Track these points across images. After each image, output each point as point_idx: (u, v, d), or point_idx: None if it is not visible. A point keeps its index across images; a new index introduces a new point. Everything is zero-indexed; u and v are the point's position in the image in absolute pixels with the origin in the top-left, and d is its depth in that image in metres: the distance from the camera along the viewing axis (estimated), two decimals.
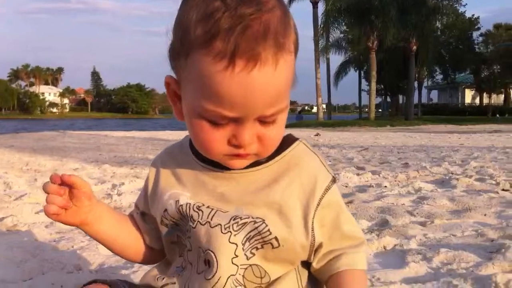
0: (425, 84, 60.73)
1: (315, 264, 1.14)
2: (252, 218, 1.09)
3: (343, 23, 41.09)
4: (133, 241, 1.26)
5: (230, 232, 1.09)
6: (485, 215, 2.92)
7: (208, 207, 1.12)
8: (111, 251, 1.29)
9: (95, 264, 2.10)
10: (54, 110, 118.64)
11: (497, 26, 62.99)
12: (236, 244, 1.09)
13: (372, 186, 4.27)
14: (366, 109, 49.27)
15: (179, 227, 1.17)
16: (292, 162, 1.14)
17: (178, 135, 12.45)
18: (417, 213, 3.00)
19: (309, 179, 1.12)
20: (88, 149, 9.86)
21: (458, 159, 6.91)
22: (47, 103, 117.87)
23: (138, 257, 1.28)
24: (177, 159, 1.20)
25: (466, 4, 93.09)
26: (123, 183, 4.29)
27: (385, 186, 4.24)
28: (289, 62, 0.98)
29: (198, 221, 1.11)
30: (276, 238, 1.08)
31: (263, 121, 1.02)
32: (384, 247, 2.26)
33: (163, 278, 1.16)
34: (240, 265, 1.09)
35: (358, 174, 5.02)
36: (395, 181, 4.65)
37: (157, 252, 1.26)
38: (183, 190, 1.16)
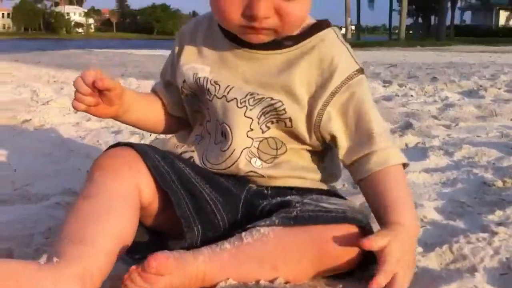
0: (458, 4, 58.38)
1: (343, 158, 1.11)
2: (269, 96, 1.09)
3: None
4: (160, 118, 1.27)
5: (246, 106, 1.09)
6: (511, 119, 2.88)
7: (225, 83, 1.12)
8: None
9: None
10: (80, 30, 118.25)
11: None
12: (251, 118, 1.10)
13: (398, 95, 4.22)
14: (396, 31, 47.76)
15: (198, 98, 1.18)
16: (317, 49, 1.10)
17: None
18: (442, 118, 2.97)
19: (330, 67, 1.09)
20: (114, 65, 9.87)
21: (488, 74, 6.74)
22: (73, 23, 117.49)
23: (164, 130, 1.31)
24: (205, 32, 1.19)
25: None
26: None
27: (411, 96, 4.18)
28: None
29: (215, 94, 1.12)
30: (290, 118, 1.08)
31: None
32: (406, 145, 2.26)
33: (182, 146, 1.19)
34: (255, 138, 1.11)
35: (384, 86, 4.95)
36: (422, 91, 4.57)
37: (181, 122, 1.28)
38: (203, 64, 1.16)
